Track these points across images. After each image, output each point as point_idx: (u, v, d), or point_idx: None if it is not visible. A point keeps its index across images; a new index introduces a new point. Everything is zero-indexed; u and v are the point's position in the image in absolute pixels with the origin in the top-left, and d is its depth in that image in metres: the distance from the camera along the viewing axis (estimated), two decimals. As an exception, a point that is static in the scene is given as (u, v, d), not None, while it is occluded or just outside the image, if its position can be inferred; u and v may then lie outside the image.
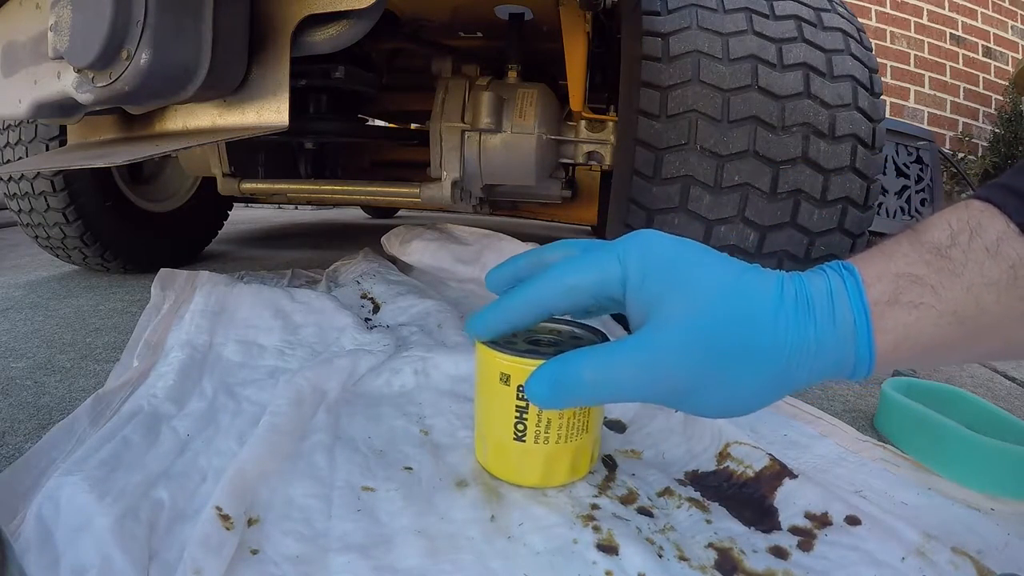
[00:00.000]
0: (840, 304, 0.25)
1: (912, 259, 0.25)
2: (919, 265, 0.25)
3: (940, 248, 0.25)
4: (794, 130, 0.59)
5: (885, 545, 0.33)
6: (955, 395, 0.53)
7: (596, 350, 0.28)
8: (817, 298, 0.26)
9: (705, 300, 0.26)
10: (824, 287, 0.26)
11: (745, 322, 0.25)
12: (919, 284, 0.24)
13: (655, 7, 0.64)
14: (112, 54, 0.40)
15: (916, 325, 0.24)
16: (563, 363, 0.28)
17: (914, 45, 2.61)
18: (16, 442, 0.44)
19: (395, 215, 2.43)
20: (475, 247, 0.89)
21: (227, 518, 0.31)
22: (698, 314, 0.26)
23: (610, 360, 0.27)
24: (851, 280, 0.26)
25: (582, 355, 0.28)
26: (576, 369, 0.27)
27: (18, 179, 0.94)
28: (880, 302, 0.25)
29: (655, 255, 0.28)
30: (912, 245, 0.25)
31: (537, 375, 0.29)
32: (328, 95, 0.91)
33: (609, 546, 0.32)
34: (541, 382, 0.28)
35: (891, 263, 0.25)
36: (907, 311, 0.24)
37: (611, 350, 0.27)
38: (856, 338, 0.25)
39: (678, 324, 0.26)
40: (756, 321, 0.25)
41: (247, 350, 0.58)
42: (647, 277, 0.27)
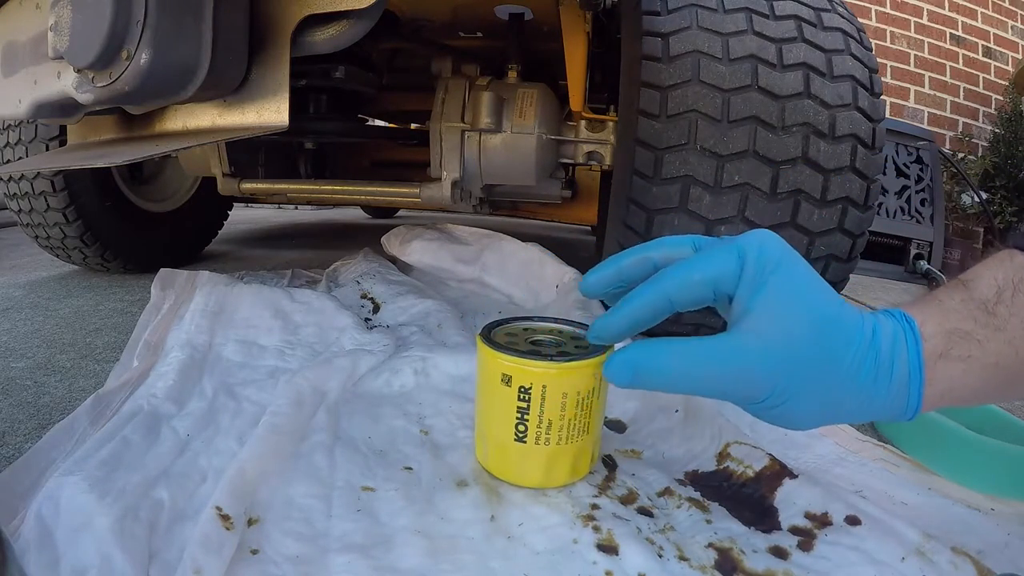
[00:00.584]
0: (899, 359, 0.27)
1: (963, 314, 0.27)
2: (968, 321, 0.27)
3: (987, 304, 0.27)
4: (794, 130, 0.59)
5: (885, 545, 0.33)
6: (955, 395, 0.53)
7: (682, 341, 0.28)
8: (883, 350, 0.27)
9: (804, 322, 0.27)
10: (890, 339, 0.27)
11: (831, 356, 0.27)
12: (967, 340, 0.26)
13: (655, 7, 0.64)
14: (112, 54, 0.40)
15: (961, 377, 0.27)
16: (648, 349, 0.28)
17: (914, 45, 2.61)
18: (16, 442, 0.44)
19: (395, 215, 2.43)
20: (475, 247, 0.89)
21: (227, 518, 0.31)
22: (793, 334, 0.27)
23: (695, 353, 0.28)
24: (911, 336, 0.27)
25: (669, 345, 0.28)
26: (662, 356, 0.28)
27: (18, 179, 0.94)
28: (933, 355, 0.27)
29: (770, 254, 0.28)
30: (963, 301, 0.27)
31: (621, 357, 0.29)
32: (328, 95, 0.90)
33: (609, 546, 0.32)
34: (624, 365, 0.29)
35: (945, 318, 0.27)
36: (955, 364, 0.27)
37: (697, 344, 0.28)
38: (908, 389, 0.27)
39: (772, 335, 0.27)
40: (840, 359, 0.27)
41: (247, 350, 0.58)
42: (758, 273, 0.28)
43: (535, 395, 0.34)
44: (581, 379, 0.34)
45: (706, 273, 0.29)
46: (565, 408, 0.35)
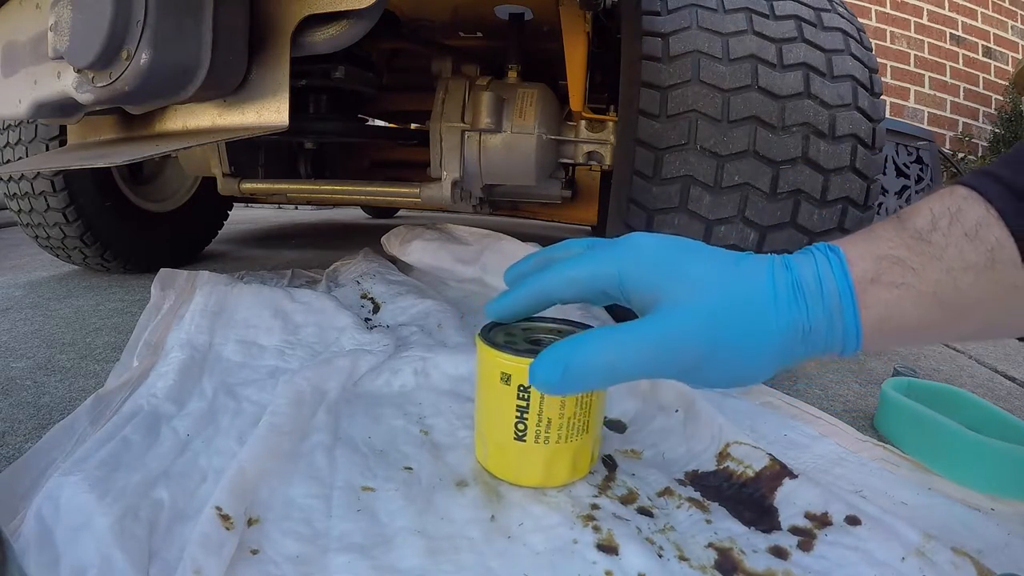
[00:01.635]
0: (827, 283, 0.27)
1: (895, 243, 0.26)
2: (901, 248, 0.26)
3: (922, 233, 0.26)
4: (794, 130, 0.59)
5: (885, 545, 0.33)
6: (955, 395, 0.53)
7: (605, 332, 0.29)
8: (806, 279, 0.27)
9: (708, 285, 0.28)
10: (812, 268, 0.27)
11: (745, 305, 0.27)
12: (900, 265, 0.26)
13: (655, 7, 0.64)
14: (112, 54, 0.40)
15: (898, 304, 0.26)
16: (574, 345, 0.29)
17: (914, 45, 2.61)
18: (16, 442, 0.44)
19: (395, 215, 2.43)
20: (475, 247, 0.89)
21: (227, 518, 0.31)
22: (703, 297, 0.28)
23: (622, 341, 0.28)
24: (836, 260, 0.27)
25: (593, 337, 0.29)
26: (588, 350, 0.28)
27: (18, 179, 0.94)
28: (863, 280, 0.26)
29: (648, 251, 0.30)
30: (896, 230, 0.27)
31: (545, 359, 0.29)
32: (328, 95, 0.90)
33: (609, 546, 0.32)
34: (550, 365, 0.29)
35: (874, 245, 0.27)
36: (888, 290, 0.26)
37: (621, 331, 0.28)
38: (843, 314, 0.27)
39: (686, 306, 0.28)
40: (755, 304, 0.27)
41: (247, 350, 0.58)
42: (644, 272, 0.29)
43: (534, 394, 0.34)
44: (581, 379, 0.34)
45: (580, 272, 0.31)
46: (564, 406, 0.35)
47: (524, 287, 0.33)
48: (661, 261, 0.29)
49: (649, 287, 0.29)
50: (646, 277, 0.29)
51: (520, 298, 0.34)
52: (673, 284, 0.28)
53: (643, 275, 0.29)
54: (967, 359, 0.82)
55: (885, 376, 0.68)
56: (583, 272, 0.31)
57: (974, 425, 0.45)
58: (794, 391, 0.61)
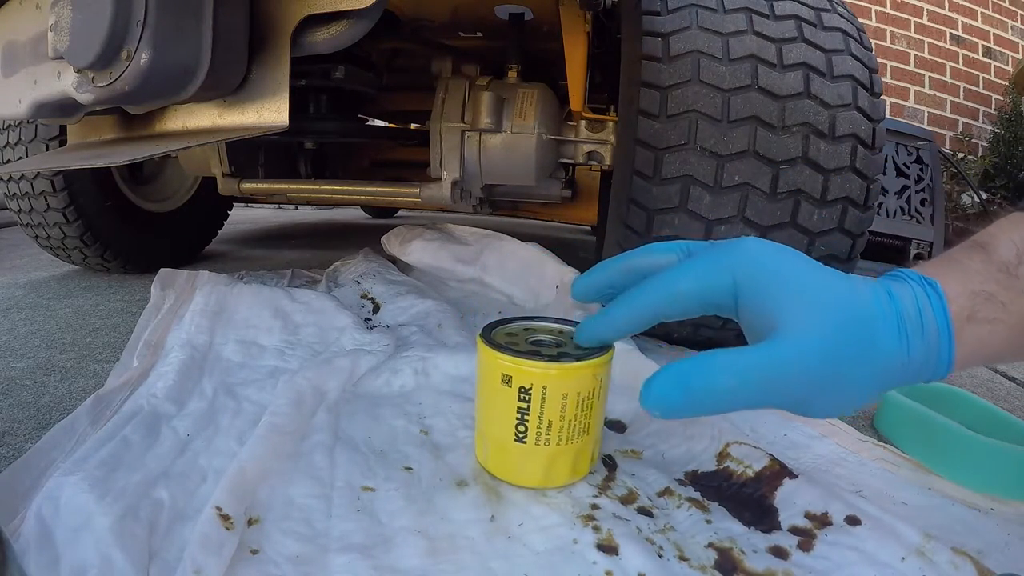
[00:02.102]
0: (927, 320, 0.27)
1: (985, 277, 0.27)
2: (991, 283, 0.27)
3: (1009, 266, 0.27)
4: (794, 130, 0.59)
5: (885, 545, 0.33)
6: (955, 395, 0.53)
7: (730, 355, 0.27)
8: (908, 312, 0.27)
9: (828, 311, 0.27)
10: (912, 301, 0.27)
11: (862, 337, 0.27)
12: (991, 302, 0.27)
13: (655, 7, 0.64)
14: (112, 54, 0.40)
15: (988, 338, 0.27)
16: (698, 366, 0.27)
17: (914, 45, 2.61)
18: (16, 442, 0.44)
19: (395, 215, 2.43)
20: (475, 247, 0.89)
21: (227, 518, 0.31)
22: (826, 327, 0.26)
23: (748, 366, 0.27)
24: (935, 296, 0.27)
25: (717, 359, 0.27)
26: (713, 373, 0.27)
27: (18, 179, 0.94)
28: (960, 317, 0.27)
29: (763, 262, 0.28)
30: (983, 263, 0.28)
31: (662, 379, 0.27)
32: (328, 95, 0.90)
33: (609, 546, 0.32)
34: (671, 385, 0.27)
35: (967, 280, 0.27)
36: (982, 326, 0.27)
37: (747, 355, 0.27)
38: (939, 351, 0.27)
39: (809, 335, 0.26)
40: (870, 336, 0.27)
41: (247, 350, 0.58)
42: (761, 287, 0.28)
43: (535, 395, 0.34)
44: (582, 380, 0.34)
45: (690, 286, 0.29)
46: (565, 409, 0.35)
47: (624, 306, 0.31)
48: (777, 275, 0.28)
49: (767, 305, 0.27)
50: (763, 293, 0.27)
51: (622, 319, 0.31)
52: (793, 305, 0.27)
53: (760, 290, 0.28)
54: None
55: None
56: (693, 285, 0.29)
57: (974, 425, 0.45)
58: (794, 391, 0.61)
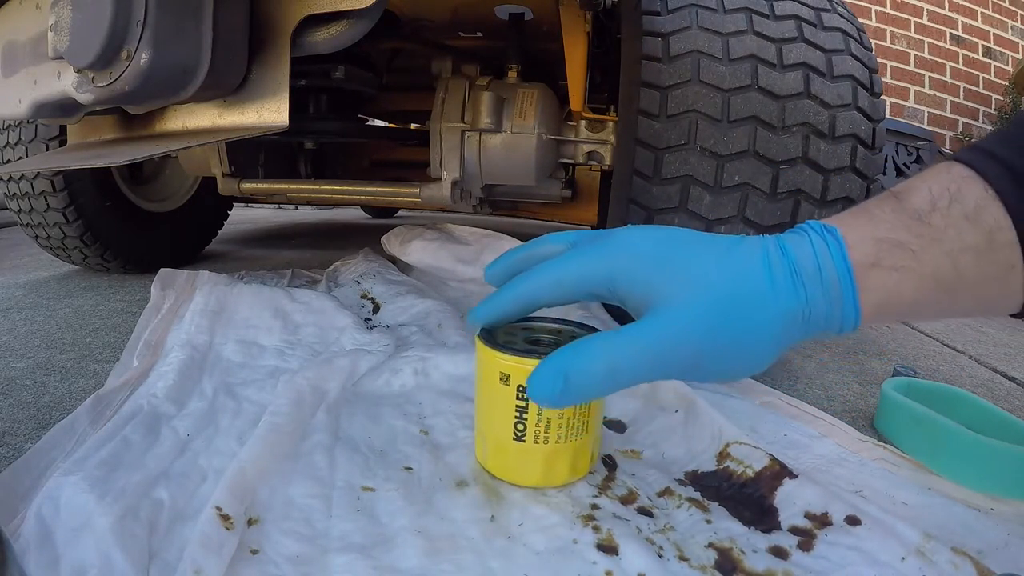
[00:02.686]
0: (826, 267, 0.26)
1: (894, 224, 0.26)
2: (900, 230, 0.26)
3: (921, 213, 0.26)
4: (794, 130, 0.59)
5: (885, 545, 0.33)
6: (955, 395, 0.53)
7: (602, 338, 0.27)
8: (803, 261, 0.27)
9: (704, 279, 0.27)
10: (809, 251, 0.27)
11: (743, 297, 0.26)
12: (900, 248, 0.25)
13: (655, 7, 0.64)
14: (112, 54, 0.40)
15: (897, 287, 0.26)
16: (571, 355, 0.27)
17: (914, 45, 2.61)
18: (16, 442, 0.44)
19: (395, 215, 2.43)
20: (475, 247, 0.89)
21: (227, 518, 0.31)
22: (700, 293, 0.27)
23: (621, 345, 0.27)
24: (834, 243, 0.26)
25: (590, 344, 0.27)
26: (587, 358, 0.27)
27: (18, 179, 0.94)
28: (863, 264, 0.26)
29: (638, 248, 0.29)
30: (894, 210, 0.26)
31: (542, 372, 0.28)
32: (328, 95, 0.91)
33: (609, 546, 0.32)
34: (550, 378, 0.27)
35: (873, 227, 0.26)
36: (889, 274, 0.26)
37: (620, 336, 0.27)
38: (843, 299, 0.26)
39: (682, 305, 0.27)
40: (753, 294, 0.26)
41: (247, 350, 0.58)
42: (636, 271, 0.28)
43: (535, 395, 0.34)
44: (581, 379, 0.34)
45: (567, 273, 0.30)
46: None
47: (508, 291, 0.32)
48: (652, 257, 0.28)
49: (642, 287, 0.28)
50: (638, 276, 0.28)
51: (504, 303, 0.32)
52: (668, 282, 0.27)
53: (635, 274, 0.28)
54: (967, 359, 0.82)
55: (885, 376, 0.68)
56: (570, 273, 0.30)
57: (974, 425, 0.45)
58: (794, 391, 0.61)
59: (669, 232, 0.30)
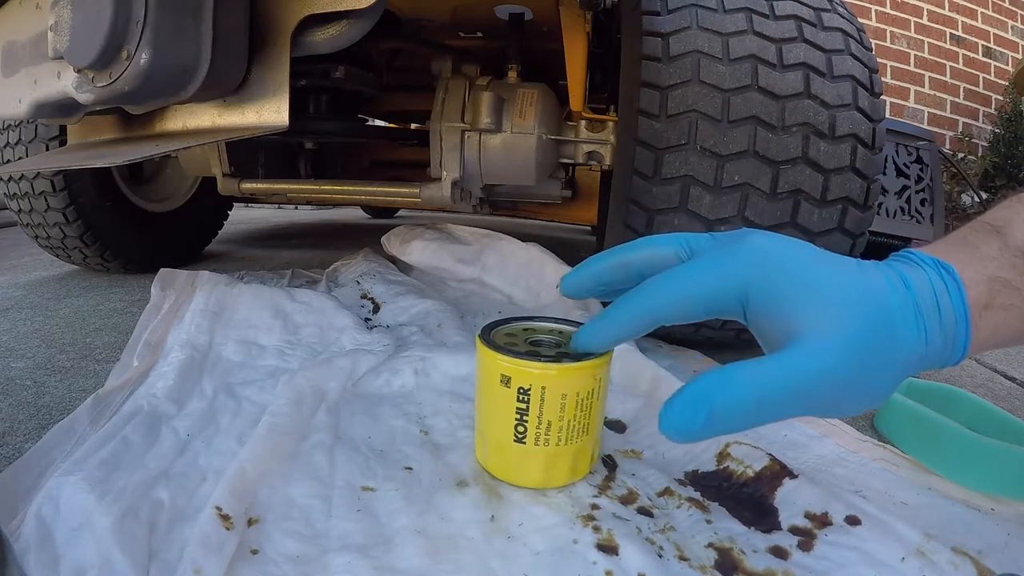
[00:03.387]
0: (944, 308, 0.26)
1: (1001, 262, 0.27)
2: (1008, 269, 0.26)
3: None
4: (794, 130, 0.59)
5: (885, 545, 0.33)
6: (955, 395, 0.53)
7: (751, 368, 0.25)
8: (924, 300, 0.26)
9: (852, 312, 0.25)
10: (928, 288, 0.26)
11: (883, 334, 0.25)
12: (1009, 288, 0.26)
13: (655, 7, 0.64)
14: (112, 54, 0.40)
15: (1004, 324, 0.26)
16: (717, 386, 0.25)
17: (914, 45, 2.61)
18: (16, 442, 0.44)
19: (395, 215, 2.43)
20: (475, 247, 0.89)
21: (227, 518, 0.31)
22: (849, 328, 0.25)
23: (772, 380, 0.25)
24: (952, 284, 0.26)
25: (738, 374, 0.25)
26: (736, 391, 0.25)
27: (18, 179, 0.94)
28: (978, 305, 0.26)
29: (775, 265, 0.26)
30: (1000, 248, 0.27)
31: (682, 402, 0.25)
32: (328, 95, 0.90)
33: (609, 546, 0.32)
34: (691, 409, 0.25)
35: (983, 266, 0.27)
36: (998, 313, 0.26)
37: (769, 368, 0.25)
38: (956, 339, 0.26)
39: (832, 340, 0.25)
40: (890, 332, 0.25)
41: (247, 350, 0.58)
42: (774, 290, 0.26)
43: (534, 396, 0.34)
44: (581, 380, 0.34)
45: (696, 290, 0.27)
46: (564, 409, 0.35)
47: (623, 310, 0.29)
48: (789, 272, 0.26)
49: (782, 306, 0.26)
50: (777, 293, 0.26)
51: (622, 325, 0.29)
52: (810, 307, 0.25)
53: (773, 290, 0.26)
54: (967, 359, 0.82)
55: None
56: (701, 287, 0.27)
57: (974, 425, 0.45)
58: (794, 391, 0.61)
59: (797, 244, 0.28)
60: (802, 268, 0.26)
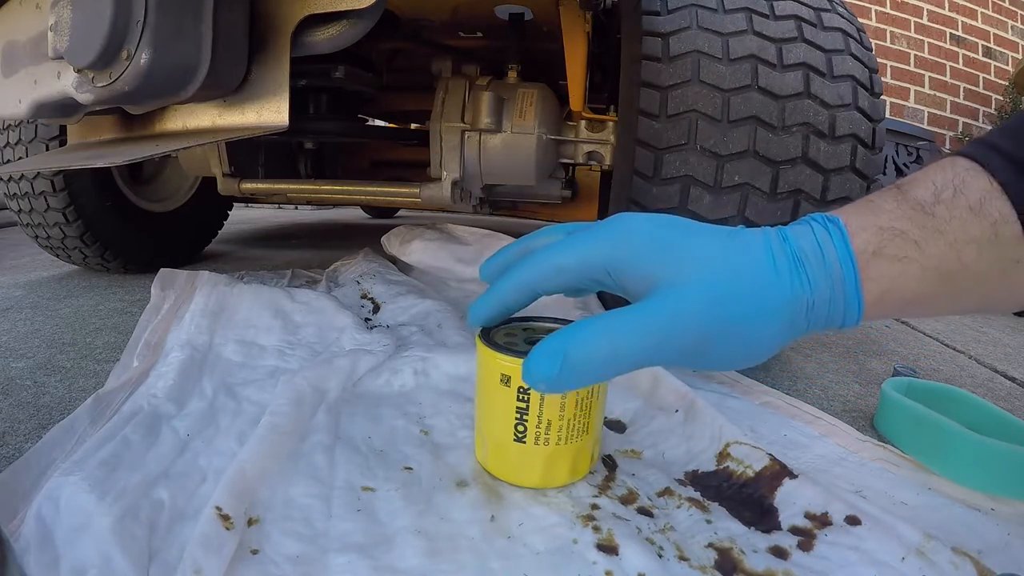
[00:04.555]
0: (828, 253, 0.26)
1: (896, 214, 0.26)
2: (903, 220, 0.25)
3: (924, 205, 0.25)
4: (794, 130, 0.59)
5: (885, 545, 0.33)
6: (955, 395, 0.53)
7: (602, 319, 0.26)
8: (806, 250, 0.26)
9: (705, 263, 0.26)
10: (811, 239, 0.26)
11: (746, 280, 0.26)
12: (903, 238, 0.25)
13: (655, 7, 0.64)
14: (112, 54, 0.40)
15: (900, 278, 0.25)
16: (571, 335, 0.26)
17: (914, 45, 2.61)
18: (16, 442, 0.44)
19: (395, 215, 2.43)
20: (475, 247, 0.89)
21: (227, 518, 0.31)
22: (704, 275, 0.26)
23: (622, 326, 0.26)
24: (836, 232, 0.26)
25: (590, 325, 0.26)
26: (587, 339, 0.26)
27: (18, 179, 0.94)
28: (865, 252, 0.26)
29: (638, 232, 0.28)
30: (896, 201, 0.26)
31: (540, 352, 0.26)
32: (328, 95, 0.91)
33: (609, 546, 0.32)
34: (547, 359, 0.26)
35: (875, 216, 0.26)
36: (891, 263, 0.25)
37: (620, 316, 0.26)
38: (844, 287, 0.26)
39: (686, 286, 0.26)
40: (756, 278, 0.26)
41: (247, 350, 0.58)
42: (636, 254, 0.27)
43: (534, 396, 0.34)
44: (581, 379, 0.34)
45: (566, 259, 0.29)
46: (564, 408, 0.35)
47: (506, 281, 0.31)
48: (653, 241, 0.27)
49: (643, 270, 0.27)
50: (639, 260, 0.27)
51: (503, 294, 0.31)
52: (668, 265, 0.27)
53: (635, 258, 0.27)
54: (967, 359, 0.82)
55: (885, 376, 0.68)
56: (570, 259, 0.29)
57: (974, 425, 0.45)
58: (794, 391, 0.61)
59: (667, 218, 0.29)
60: (665, 236, 0.28)
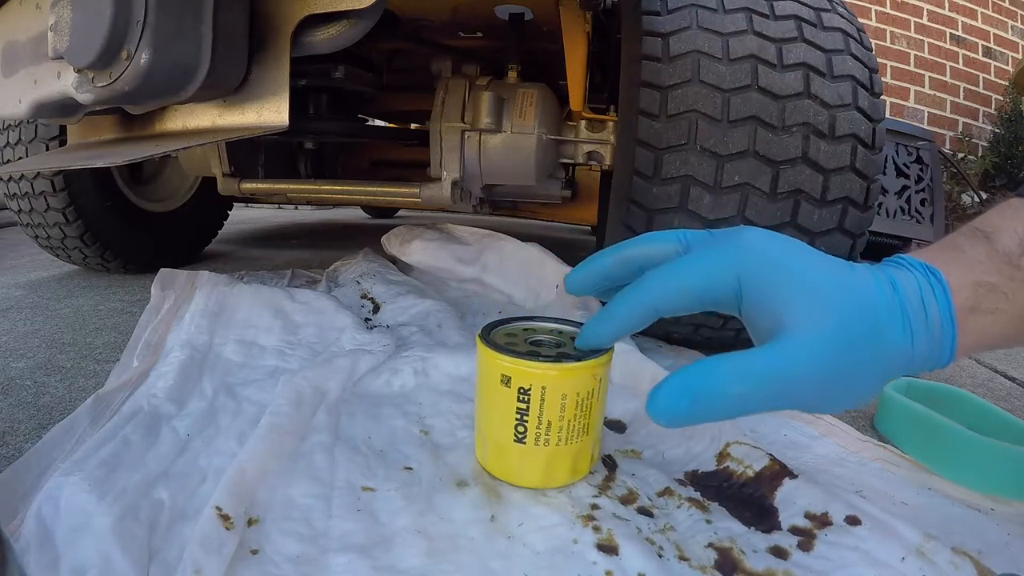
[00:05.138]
0: (931, 311, 0.27)
1: (988, 267, 0.27)
2: (994, 274, 0.27)
3: (1011, 257, 0.27)
4: (794, 130, 0.59)
5: (885, 545, 0.33)
6: (955, 395, 0.53)
7: (736, 360, 0.26)
8: (911, 303, 0.27)
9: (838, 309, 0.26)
10: (915, 291, 0.27)
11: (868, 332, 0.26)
12: (995, 292, 0.27)
13: (655, 7, 0.64)
14: (112, 54, 0.40)
15: (990, 328, 0.27)
16: (702, 374, 0.26)
17: (914, 45, 2.61)
18: (16, 442, 0.44)
19: (395, 215, 2.43)
20: (475, 247, 0.89)
21: (227, 518, 0.31)
22: (834, 324, 0.26)
23: (756, 371, 0.26)
24: (939, 288, 0.27)
25: (723, 365, 0.26)
26: (720, 380, 0.26)
27: (18, 179, 0.94)
28: (964, 309, 0.27)
29: (768, 259, 0.27)
30: (987, 253, 0.27)
31: (668, 387, 0.26)
32: (328, 95, 0.90)
33: (609, 546, 0.32)
34: (676, 395, 0.26)
35: (970, 271, 0.27)
36: (984, 316, 0.27)
37: (754, 360, 0.26)
38: (942, 342, 0.27)
39: (818, 335, 0.26)
40: (876, 330, 0.26)
41: (247, 350, 0.58)
42: (765, 282, 0.27)
43: (534, 396, 0.34)
44: (581, 380, 0.34)
45: (695, 282, 0.28)
46: (565, 409, 0.35)
47: (624, 305, 0.29)
48: (782, 269, 0.27)
49: (772, 298, 0.27)
50: (768, 290, 0.27)
51: (623, 318, 0.30)
52: (799, 302, 0.26)
53: (765, 283, 0.27)
54: (967, 359, 0.82)
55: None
56: (696, 280, 0.28)
57: (974, 425, 0.45)
58: (794, 391, 0.61)
59: (790, 241, 0.29)
60: (794, 263, 0.27)
